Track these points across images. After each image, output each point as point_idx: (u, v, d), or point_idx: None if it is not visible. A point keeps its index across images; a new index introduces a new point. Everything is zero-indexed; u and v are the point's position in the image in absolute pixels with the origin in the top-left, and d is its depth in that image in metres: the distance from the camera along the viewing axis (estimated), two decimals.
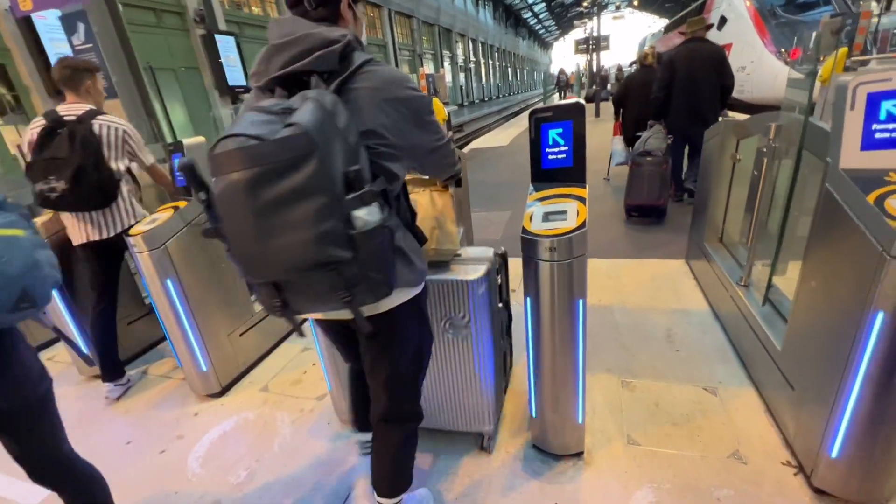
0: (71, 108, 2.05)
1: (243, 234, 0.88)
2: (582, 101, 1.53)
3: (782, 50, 9.06)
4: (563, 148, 1.57)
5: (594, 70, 13.63)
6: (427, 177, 1.45)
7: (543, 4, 46.84)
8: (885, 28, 6.81)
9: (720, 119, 4.32)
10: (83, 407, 2.38)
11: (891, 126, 1.26)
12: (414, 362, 1.26)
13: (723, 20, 10.16)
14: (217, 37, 8.13)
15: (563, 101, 1.55)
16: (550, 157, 1.61)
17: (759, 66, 9.07)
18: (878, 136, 1.28)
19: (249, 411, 2.19)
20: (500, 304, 1.70)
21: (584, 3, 23.85)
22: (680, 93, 3.96)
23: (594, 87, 12.69)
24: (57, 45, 4.87)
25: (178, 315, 2.07)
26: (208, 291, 2.23)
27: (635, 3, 38.02)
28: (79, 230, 2.13)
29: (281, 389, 2.33)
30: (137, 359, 2.79)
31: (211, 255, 2.25)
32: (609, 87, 13.30)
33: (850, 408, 1.28)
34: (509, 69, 44.08)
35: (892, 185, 1.22)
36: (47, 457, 1.23)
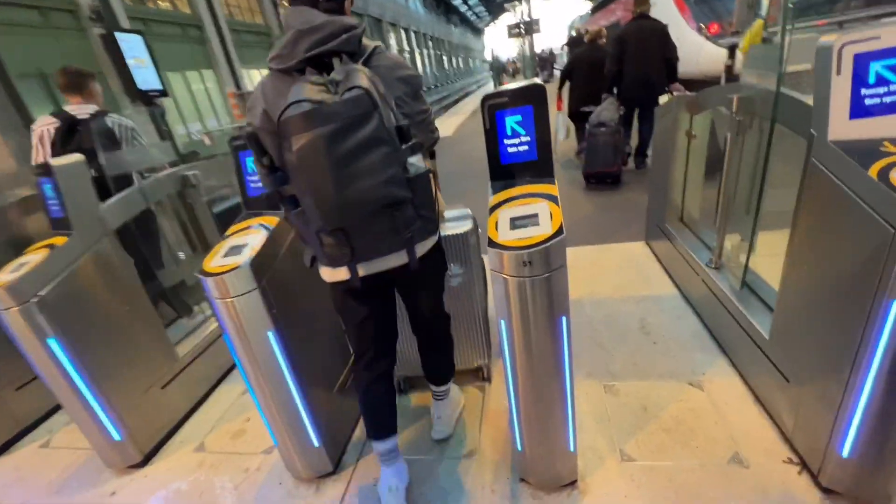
0: (81, 108, 2.34)
1: (325, 183, 1.00)
2: (540, 81, 1.29)
3: (702, 25, 9.42)
4: (524, 139, 1.34)
5: (535, 53, 13.68)
6: None
7: None
8: None
9: (674, 94, 4.38)
10: None
11: (882, 90, 1.13)
12: (442, 289, 1.52)
13: None
14: (119, 36, 7.20)
15: (521, 83, 1.31)
16: (510, 149, 1.37)
17: (681, 43, 9.43)
18: (868, 101, 1.15)
19: (181, 480, 1.82)
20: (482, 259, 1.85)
21: None
22: (631, 66, 4.21)
23: (536, 69, 12.74)
24: None
25: (72, 381, 1.66)
26: (111, 344, 1.81)
27: None
28: None
29: (220, 446, 1.97)
30: (38, 426, 2.30)
31: (112, 299, 1.83)
32: (553, 68, 13.42)
33: (863, 405, 1.16)
34: (444, 57, 43.77)
35: (893, 155, 1.09)
36: None
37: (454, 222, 1.77)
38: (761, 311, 1.73)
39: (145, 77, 7.81)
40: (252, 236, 1.44)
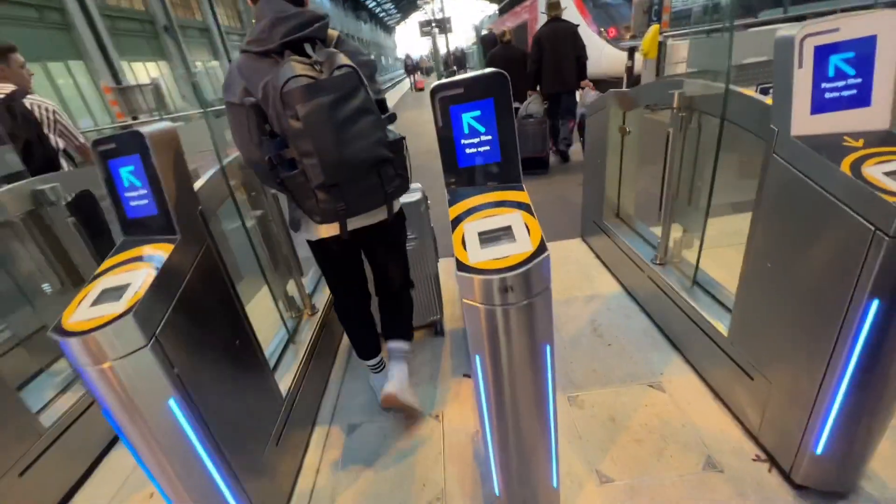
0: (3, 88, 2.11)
1: (328, 143, 1.19)
2: (503, 71, 1.10)
3: (602, 29, 10.05)
4: (485, 137, 1.14)
5: (447, 51, 13.66)
6: None
7: None
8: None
9: (584, 89, 4.63)
10: None
11: (840, 83, 1.11)
12: (406, 256, 1.76)
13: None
14: None
15: (479, 72, 1.11)
16: (469, 150, 1.16)
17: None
18: (828, 95, 1.12)
19: None
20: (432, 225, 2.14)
21: None
22: (548, 64, 4.63)
23: (453, 67, 12.71)
24: None
25: None
26: None
27: None
28: None
29: None
30: None
31: None
32: (467, 67, 13.49)
33: (839, 403, 1.15)
34: None
35: (859, 150, 1.07)
36: None
37: (407, 194, 1.71)
38: (714, 307, 1.73)
39: None
40: (135, 273, 1.08)
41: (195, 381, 1.13)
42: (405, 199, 1.89)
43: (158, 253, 1.13)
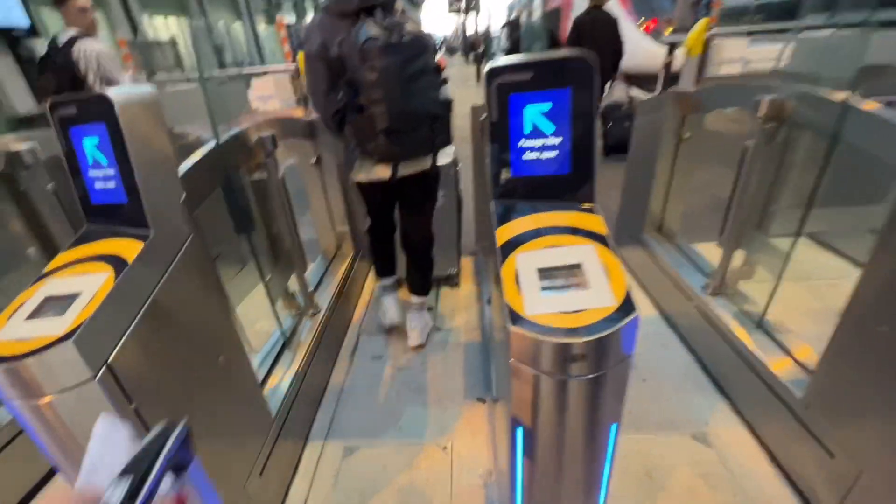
0: (66, 33, 2.25)
1: (396, 95, 1.42)
2: (587, 55, 0.83)
3: (642, 19, 9.51)
4: (552, 140, 0.88)
5: (475, 32, 13.11)
6: None
7: None
8: None
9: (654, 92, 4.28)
10: None
11: None
12: (432, 213, 1.97)
13: None
14: None
15: (557, 52, 0.84)
16: (529, 155, 0.90)
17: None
18: None
19: None
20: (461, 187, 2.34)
21: None
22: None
23: (479, 49, 12.20)
24: None
25: None
26: None
27: None
28: None
29: None
30: None
31: None
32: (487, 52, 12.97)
33: None
34: None
35: None
36: None
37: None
38: (781, 357, 1.47)
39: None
40: (89, 278, 0.84)
41: (161, 415, 0.90)
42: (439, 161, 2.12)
43: (123, 252, 0.89)
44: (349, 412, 1.79)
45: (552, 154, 0.88)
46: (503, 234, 0.86)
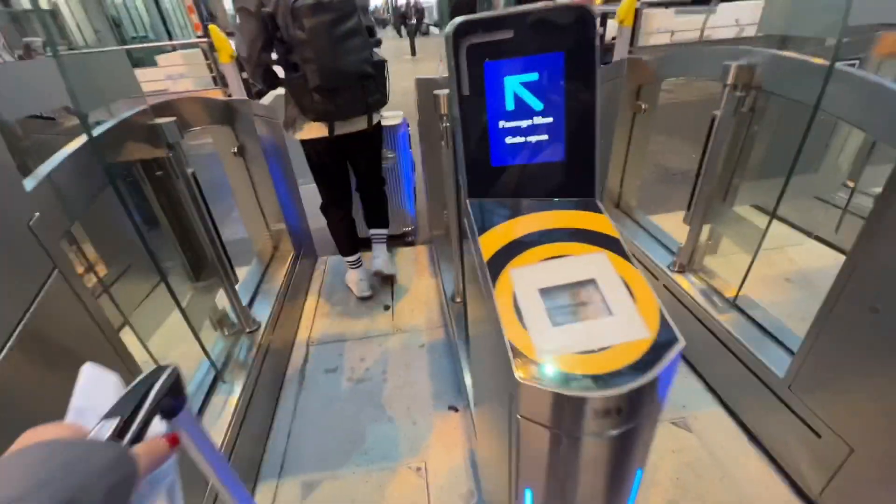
0: None
1: (326, 53, 1.52)
2: (585, 5, 0.64)
3: None
4: (542, 119, 0.69)
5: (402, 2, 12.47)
6: None
7: None
8: None
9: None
10: None
11: None
12: (381, 160, 2.12)
13: None
14: None
15: (546, 2, 0.64)
16: (513, 139, 0.71)
17: None
18: None
19: None
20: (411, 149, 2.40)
21: None
22: None
23: (412, 21, 11.63)
24: None
25: None
26: None
27: None
28: None
29: None
30: None
31: None
32: (425, 20, 12.41)
33: None
34: None
35: None
36: None
37: (388, 118, 2.22)
38: (757, 336, 1.44)
39: None
40: None
41: None
42: (389, 121, 2.22)
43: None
44: (304, 441, 1.56)
45: (542, 137, 0.70)
46: (488, 243, 0.67)
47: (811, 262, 2.10)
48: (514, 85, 0.67)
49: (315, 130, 1.73)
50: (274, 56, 1.67)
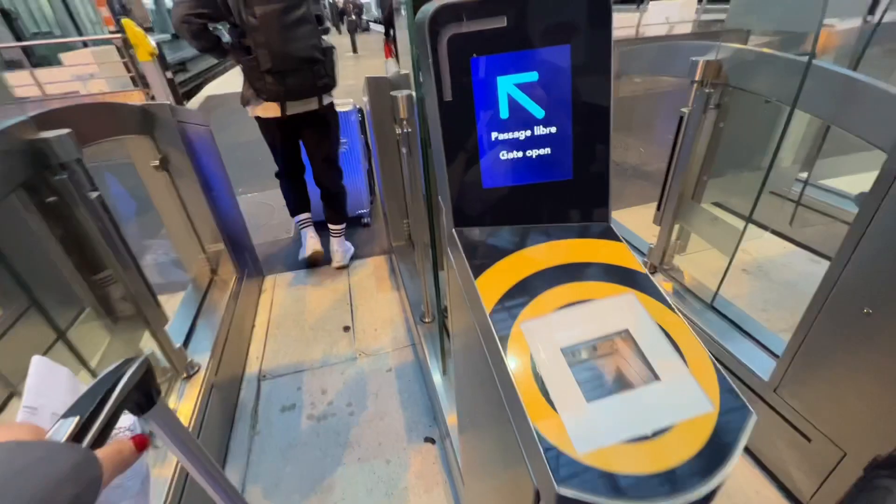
0: None
1: (276, 39, 1.68)
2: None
3: None
4: (543, 130, 0.56)
5: None
6: None
7: None
8: None
9: None
10: None
11: None
12: (338, 135, 2.21)
13: None
14: None
15: None
16: (507, 154, 0.57)
17: None
18: None
19: None
20: (363, 136, 2.59)
21: None
22: None
23: (352, 17, 11.20)
24: None
25: None
26: None
27: None
28: None
29: None
30: None
31: None
32: (364, 15, 12.00)
33: None
34: None
35: None
36: None
37: (341, 104, 2.33)
38: (737, 338, 1.41)
39: None
40: None
41: None
42: (340, 108, 2.31)
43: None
44: (261, 499, 1.35)
45: (544, 151, 0.57)
46: (487, 288, 0.53)
47: (765, 253, 2.16)
48: (509, 87, 0.53)
49: (269, 110, 1.90)
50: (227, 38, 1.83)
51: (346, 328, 2.01)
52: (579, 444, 0.40)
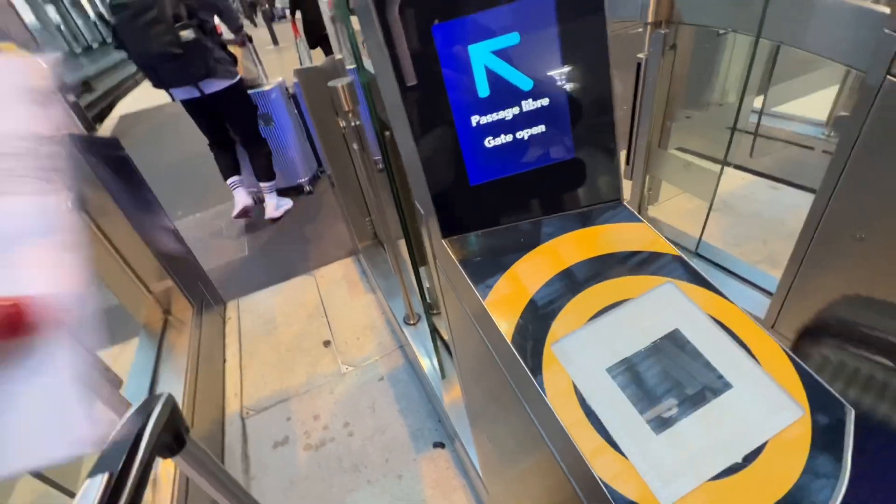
0: None
1: (132, 42, 2.06)
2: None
3: None
4: (533, 103, 0.46)
5: None
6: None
7: None
8: None
9: None
10: None
11: None
12: (250, 113, 2.58)
13: None
14: None
15: None
16: (493, 140, 0.47)
17: None
18: None
19: None
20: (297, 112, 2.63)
21: None
22: None
23: (265, 6, 10.42)
24: None
25: None
26: None
27: None
28: None
29: None
30: None
31: None
32: (278, 3, 11.21)
33: None
34: None
35: None
36: None
37: (265, 87, 2.64)
38: (729, 282, 1.40)
39: None
40: None
41: None
42: (264, 88, 2.62)
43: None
44: None
45: (537, 130, 0.47)
46: (500, 310, 0.43)
47: (727, 188, 2.19)
48: (485, 56, 0.42)
49: (177, 93, 2.30)
50: None
51: (327, 343, 1.88)
52: (661, 492, 0.32)
